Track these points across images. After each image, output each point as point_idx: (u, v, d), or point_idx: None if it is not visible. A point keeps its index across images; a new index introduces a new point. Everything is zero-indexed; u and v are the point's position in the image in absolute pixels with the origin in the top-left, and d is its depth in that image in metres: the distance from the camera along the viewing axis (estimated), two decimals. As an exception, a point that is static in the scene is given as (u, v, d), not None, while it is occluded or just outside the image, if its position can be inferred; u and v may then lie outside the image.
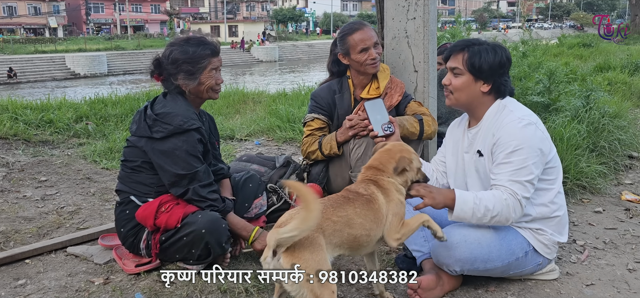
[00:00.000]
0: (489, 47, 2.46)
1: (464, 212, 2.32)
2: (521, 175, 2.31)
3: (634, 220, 3.47)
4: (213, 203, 2.65)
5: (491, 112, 2.48)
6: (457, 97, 2.50)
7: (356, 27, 3.21)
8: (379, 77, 3.29)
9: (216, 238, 2.57)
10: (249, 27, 63.58)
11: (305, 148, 3.34)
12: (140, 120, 2.67)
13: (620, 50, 15.85)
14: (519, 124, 2.34)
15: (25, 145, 5.50)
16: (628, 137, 4.98)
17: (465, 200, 2.33)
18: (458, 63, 2.48)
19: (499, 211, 2.31)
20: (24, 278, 2.69)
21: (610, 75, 9.22)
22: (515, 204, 2.31)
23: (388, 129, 2.75)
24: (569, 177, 3.89)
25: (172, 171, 2.58)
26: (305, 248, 1.96)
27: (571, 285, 2.59)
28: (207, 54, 2.70)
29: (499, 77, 2.46)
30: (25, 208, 3.77)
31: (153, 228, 2.62)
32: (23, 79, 33.94)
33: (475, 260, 2.38)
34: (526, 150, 2.30)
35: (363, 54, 3.15)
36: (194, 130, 2.61)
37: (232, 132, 6.30)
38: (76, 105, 7.36)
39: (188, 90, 2.70)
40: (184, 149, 2.57)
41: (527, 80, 6.14)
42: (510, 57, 2.52)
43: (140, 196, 2.68)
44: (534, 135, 2.33)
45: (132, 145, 2.70)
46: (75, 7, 66.58)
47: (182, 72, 2.66)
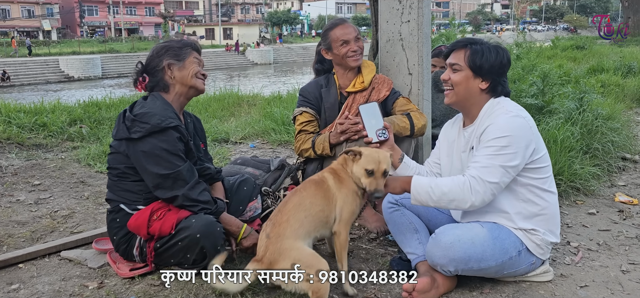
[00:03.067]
0: (491, 47, 2.50)
1: (420, 194, 2.43)
2: (497, 160, 2.34)
3: (627, 222, 3.48)
4: (205, 206, 2.64)
5: (485, 109, 2.51)
6: (456, 92, 2.53)
7: (336, 22, 3.39)
8: (363, 72, 3.38)
9: (212, 242, 2.56)
10: (244, 30, 63.58)
11: (299, 145, 3.37)
12: (120, 122, 2.65)
13: (613, 53, 15.93)
14: (507, 115, 2.38)
15: (19, 149, 5.47)
16: (621, 138, 5.01)
17: (421, 184, 2.43)
18: (459, 59, 2.51)
19: (456, 195, 2.36)
20: (17, 283, 2.67)
21: (603, 78, 9.26)
22: (476, 187, 2.34)
23: (382, 135, 2.73)
24: (563, 179, 3.90)
25: (155, 172, 2.55)
26: (280, 261, 2.31)
27: (565, 286, 2.60)
28: (188, 45, 2.80)
29: (498, 76, 2.49)
30: (18, 212, 3.75)
31: (147, 237, 2.60)
32: (17, 82, 33.77)
33: (469, 260, 2.38)
34: (509, 138, 2.33)
35: (343, 46, 3.28)
36: (172, 128, 2.57)
37: (227, 135, 6.29)
38: (70, 108, 7.34)
39: (173, 77, 2.72)
40: (164, 148, 2.55)
41: (521, 82, 6.17)
42: (510, 60, 2.56)
43: (130, 204, 2.66)
44: (521, 126, 2.36)
45: (115, 150, 2.67)
46: (69, 10, 66.39)
47: (168, 54, 2.72)
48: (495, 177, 2.34)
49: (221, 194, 2.96)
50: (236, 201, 3.00)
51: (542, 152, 2.46)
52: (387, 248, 3.05)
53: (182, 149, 2.62)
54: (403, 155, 2.78)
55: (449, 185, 2.38)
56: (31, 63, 37.98)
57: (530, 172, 2.42)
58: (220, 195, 2.94)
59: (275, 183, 3.38)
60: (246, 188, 3.06)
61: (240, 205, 3.00)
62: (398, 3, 3.50)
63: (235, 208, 2.96)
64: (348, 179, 2.53)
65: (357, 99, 3.34)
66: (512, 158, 2.33)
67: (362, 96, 3.34)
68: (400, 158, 2.75)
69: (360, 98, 3.34)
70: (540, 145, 2.47)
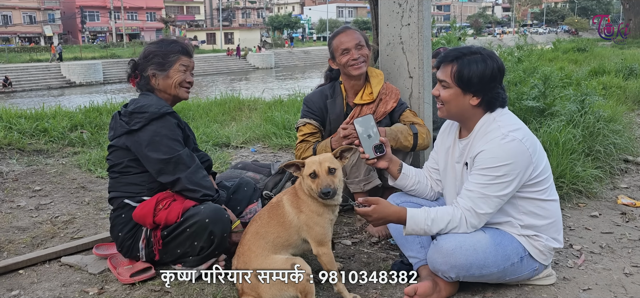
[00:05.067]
0: (479, 57, 2.36)
1: (413, 230, 2.41)
2: (491, 189, 2.30)
3: (630, 224, 3.47)
4: (208, 192, 2.69)
5: (479, 125, 2.42)
6: (448, 108, 2.45)
7: (339, 31, 3.30)
8: (371, 82, 3.29)
9: (220, 228, 2.61)
10: (245, 34, 63.70)
11: (300, 153, 3.34)
12: (116, 122, 2.74)
13: (615, 55, 15.92)
14: (503, 140, 2.29)
15: (20, 155, 5.47)
16: (623, 141, 4.99)
17: (416, 222, 2.38)
18: (446, 75, 2.41)
19: (453, 228, 2.38)
20: (17, 289, 2.67)
21: (604, 80, 9.24)
22: (471, 220, 2.35)
23: (379, 152, 2.62)
24: (565, 182, 3.89)
25: (156, 157, 2.61)
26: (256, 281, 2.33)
27: (568, 290, 2.58)
28: (177, 50, 2.79)
29: (490, 89, 2.37)
30: (19, 218, 3.75)
31: (153, 225, 2.62)
32: (18, 88, 33.88)
33: (471, 266, 2.37)
34: (504, 167, 2.27)
35: (344, 55, 3.20)
36: (169, 114, 2.66)
37: (228, 139, 6.29)
38: (71, 113, 7.33)
39: (157, 84, 2.77)
40: (164, 133, 2.62)
41: (522, 85, 6.15)
42: (503, 67, 2.41)
43: (134, 196, 2.70)
44: (516, 152, 2.28)
45: (115, 148, 2.73)
46: (71, 16, 66.52)
47: (152, 63, 2.76)
48: (490, 207, 2.34)
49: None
50: (234, 201, 3.02)
51: (541, 167, 2.38)
52: (388, 252, 3.04)
53: (180, 134, 2.70)
54: (402, 165, 2.72)
55: (445, 221, 2.37)
56: (33, 69, 38.07)
57: (529, 188, 2.38)
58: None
59: (276, 188, 3.37)
60: (246, 189, 3.09)
61: (238, 206, 3.01)
62: (398, 6, 3.49)
63: (233, 209, 2.97)
64: (306, 198, 2.46)
65: (364, 110, 3.27)
66: (507, 186, 2.30)
67: (369, 108, 3.28)
68: (399, 168, 2.70)
69: (367, 110, 3.27)
70: (540, 159, 2.38)
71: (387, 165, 2.66)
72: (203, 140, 5.96)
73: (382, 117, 3.29)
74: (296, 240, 2.47)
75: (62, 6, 66.24)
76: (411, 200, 2.75)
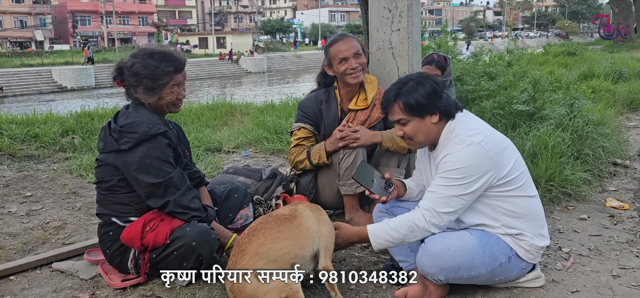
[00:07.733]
0: (413, 83, 2.45)
1: (379, 244, 2.48)
2: (451, 190, 2.36)
3: (618, 227, 3.50)
4: (196, 213, 2.64)
5: (443, 135, 2.48)
6: (417, 139, 2.51)
7: (337, 38, 3.30)
8: (366, 88, 3.33)
9: (208, 249, 2.57)
10: (237, 39, 63.61)
11: (293, 157, 3.36)
12: (106, 135, 2.63)
13: (604, 59, 16.05)
14: (460, 144, 2.37)
15: (10, 160, 5.44)
16: (612, 144, 5.03)
17: (377, 235, 2.47)
18: (398, 114, 2.48)
19: (416, 232, 2.42)
20: (8, 295, 2.66)
21: (594, 83, 9.31)
22: (432, 220, 2.39)
23: (388, 187, 2.67)
24: (554, 185, 3.92)
25: (146, 181, 2.54)
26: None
27: (557, 292, 2.61)
28: (169, 71, 2.64)
29: (440, 101, 2.45)
30: (9, 223, 3.73)
31: (141, 248, 2.59)
32: (9, 93, 33.60)
33: (459, 268, 2.39)
34: (463, 169, 2.34)
35: (342, 64, 3.21)
36: (161, 134, 2.57)
37: (220, 144, 6.28)
38: (62, 119, 7.29)
39: (147, 103, 2.66)
40: (154, 155, 2.54)
41: (512, 89, 6.20)
42: (438, 80, 2.51)
43: (122, 216, 2.65)
44: (475, 155, 2.34)
45: (103, 163, 2.64)
46: (62, 20, 66.23)
47: (142, 86, 2.62)
48: (450, 207, 2.38)
49: (207, 199, 2.96)
50: (226, 209, 3.00)
51: (509, 166, 2.41)
52: (379, 256, 3.05)
53: (171, 155, 2.63)
54: (404, 183, 2.79)
55: (406, 226, 2.41)
56: (24, 74, 37.78)
57: (500, 187, 2.42)
58: (206, 200, 2.95)
59: (266, 192, 3.38)
60: (236, 196, 3.07)
61: (230, 213, 3.00)
62: (388, 12, 3.52)
63: (225, 216, 2.96)
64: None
65: (358, 116, 3.32)
66: (468, 186, 2.35)
67: (363, 114, 3.33)
68: (404, 188, 2.78)
69: (361, 115, 3.32)
70: (507, 159, 2.42)
71: (397, 193, 2.74)
72: (195, 145, 5.95)
73: (376, 122, 3.34)
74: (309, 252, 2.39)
75: (53, 11, 65.96)
76: (400, 205, 2.79)
